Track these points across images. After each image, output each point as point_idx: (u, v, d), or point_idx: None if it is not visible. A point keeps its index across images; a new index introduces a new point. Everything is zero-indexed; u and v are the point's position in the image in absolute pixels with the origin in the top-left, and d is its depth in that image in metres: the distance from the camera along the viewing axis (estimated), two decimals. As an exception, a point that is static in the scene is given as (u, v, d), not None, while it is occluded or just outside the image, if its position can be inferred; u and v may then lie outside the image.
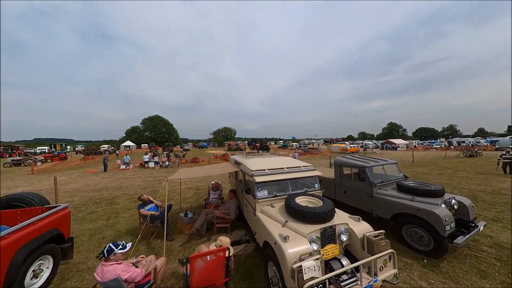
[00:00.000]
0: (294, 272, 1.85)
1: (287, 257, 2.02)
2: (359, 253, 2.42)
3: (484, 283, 2.68)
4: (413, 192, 3.76)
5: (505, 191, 6.79)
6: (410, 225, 3.50)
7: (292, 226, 2.51)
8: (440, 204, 3.34)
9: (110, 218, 5.46)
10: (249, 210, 3.74)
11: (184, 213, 4.86)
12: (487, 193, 6.72)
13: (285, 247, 2.10)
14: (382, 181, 4.34)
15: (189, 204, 6.09)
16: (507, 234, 3.93)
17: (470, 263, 3.08)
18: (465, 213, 3.55)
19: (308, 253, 2.06)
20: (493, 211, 5.12)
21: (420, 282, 2.73)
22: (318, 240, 2.34)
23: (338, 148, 31.46)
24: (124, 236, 4.41)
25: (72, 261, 3.43)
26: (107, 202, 7.06)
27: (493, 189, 7.17)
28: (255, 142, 49.69)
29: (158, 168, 16.46)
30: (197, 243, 4.03)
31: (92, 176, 12.88)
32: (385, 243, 2.28)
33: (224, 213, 4.28)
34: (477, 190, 7.12)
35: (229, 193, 4.67)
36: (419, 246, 3.39)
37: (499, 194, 6.49)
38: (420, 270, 2.98)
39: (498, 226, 4.30)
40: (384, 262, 2.21)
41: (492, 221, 4.51)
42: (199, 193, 8.04)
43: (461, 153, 20.14)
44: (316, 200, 2.89)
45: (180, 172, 4.93)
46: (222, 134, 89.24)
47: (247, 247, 3.68)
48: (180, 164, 18.66)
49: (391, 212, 3.78)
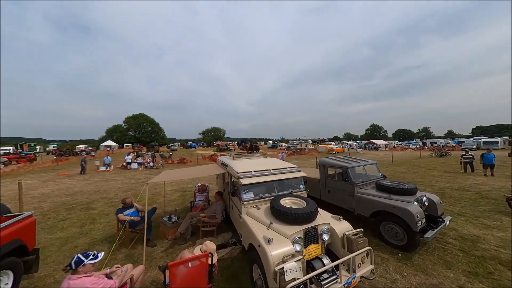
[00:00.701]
0: (276, 274, 1.86)
1: (270, 260, 2.03)
2: (339, 251, 2.51)
3: (449, 273, 2.94)
4: (390, 191, 4.02)
5: (469, 188, 7.57)
6: (387, 222, 3.73)
7: (277, 227, 2.52)
8: (413, 202, 3.60)
9: (85, 225, 5.05)
10: (235, 212, 3.70)
11: (168, 216, 4.67)
12: (454, 189, 7.43)
13: (268, 250, 2.11)
14: (362, 181, 4.57)
15: (174, 208, 5.86)
16: (469, 227, 4.38)
17: (438, 255, 3.37)
18: (434, 209, 3.87)
19: (291, 254, 2.09)
20: (458, 206, 5.66)
21: (395, 275, 2.92)
22: (301, 240, 2.39)
23: (325, 149, 32.60)
24: (100, 244, 4.10)
25: (37, 274, 3.10)
26: (82, 207, 6.53)
27: (459, 186, 7.94)
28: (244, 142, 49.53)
29: (142, 169, 15.65)
30: (181, 248, 3.89)
31: (66, 179, 11.83)
32: (363, 241, 2.40)
33: (210, 216, 4.18)
34: (445, 187, 7.84)
35: (215, 195, 4.58)
36: (395, 241, 3.63)
37: (463, 191, 7.21)
38: (395, 264, 3.19)
39: (462, 219, 4.76)
40: (362, 259, 2.33)
41: (457, 215, 4.99)
42: (186, 196, 7.79)
43: (433, 153, 22.06)
44: (300, 201, 2.95)
45: (163, 174, 4.73)
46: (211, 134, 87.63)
47: (233, 250, 3.63)
48: (165, 165, 17.92)
49: (371, 210, 3.99)
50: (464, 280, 2.79)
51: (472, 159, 10.72)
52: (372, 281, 2.65)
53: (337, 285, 2.10)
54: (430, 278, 2.84)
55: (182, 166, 17.57)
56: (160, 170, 15.30)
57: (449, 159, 17.77)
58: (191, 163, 18.73)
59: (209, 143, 72.39)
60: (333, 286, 2.09)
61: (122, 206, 4.29)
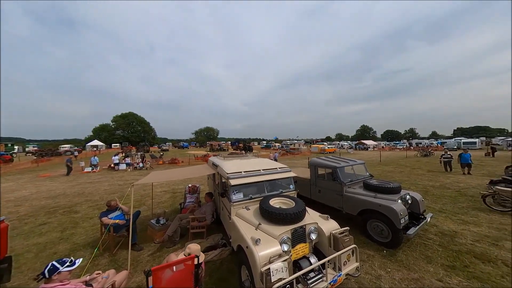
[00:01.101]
0: (262, 275, 1.86)
1: (257, 261, 2.02)
2: (326, 250, 2.56)
3: (429, 267, 3.09)
4: (376, 190, 4.15)
5: (449, 186, 8.01)
6: (373, 220, 3.85)
7: (265, 228, 2.52)
8: (397, 200, 3.75)
9: (66, 230, 4.78)
10: (225, 213, 3.66)
11: (156, 219, 4.54)
12: (436, 188, 7.83)
13: (256, 251, 2.10)
14: (351, 180, 4.69)
15: (162, 210, 5.71)
16: (449, 223, 4.63)
17: (420, 251, 3.53)
18: (417, 206, 4.06)
19: (278, 254, 2.10)
20: (439, 203, 5.97)
21: (380, 271, 3.02)
22: (289, 240, 2.40)
23: (317, 149, 33.20)
24: (82, 249, 3.90)
25: (9, 284, 2.89)
26: (64, 210, 6.18)
27: (440, 184, 8.39)
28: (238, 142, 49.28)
29: (131, 170, 15.11)
30: (169, 251, 3.79)
31: (47, 181, 11.17)
32: (349, 239, 2.46)
33: (199, 218, 4.11)
34: (428, 185, 8.24)
35: (205, 196, 4.51)
36: (380, 238, 3.76)
37: (444, 189, 7.62)
38: (380, 260, 3.30)
39: (442, 216, 5.03)
40: (348, 257, 2.38)
41: (439, 212, 5.25)
42: (176, 197, 7.61)
43: (418, 153, 23.15)
44: (290, 201, 2.97)
45: (152, 175, 4.59)
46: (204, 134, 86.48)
47: (223, 251, 3.59)
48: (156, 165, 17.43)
49: (358, 209, 4.11)
50: (443, 274, 2.94)
51: (451, 159, 11.36)
52: (358, 278, 2.72)
53: (323, 283, 2.14)
54: (412, 273, 2.96)
55: (173, 166, 17.15)
56: (150, 171, 14.86)
57: (432, 158, 18.71)
58: (183, 164, 18.35)
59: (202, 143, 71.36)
60: (319, 285, 2.12)
61: (106, 209, 4.11)
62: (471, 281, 2.79)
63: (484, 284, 2.71)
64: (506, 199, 5.25)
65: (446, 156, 11.48)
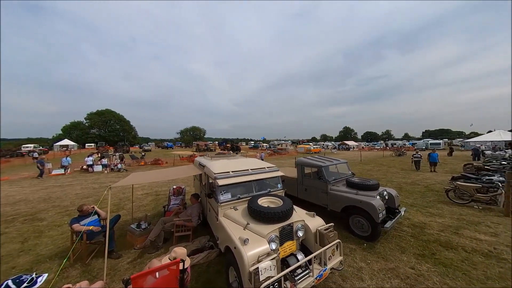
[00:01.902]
0: (251, 275, 1.85)
1: (245, 260, 2.00)
2: (312, 246, 2.64)
3: (403, 257, 3.37)
4: (357, 187, 4.41)
5: (419, 183, 8.85)
6: (355, 215, 4.08)
7: (253, 228, 2.52)
8: (376, 196, 4.02)
9: (28, 240, 4.24)
10: (212, 214, 3.57)
11: (137, 223, 4.26)
12: (408, 184, 8.60)
13: (244, 251, 2.08)
14: (335, 179, 4.91)
15: (144, 213, 5.38)
16: (419, 215, 5.11)
17: (395, 242, 3.84)
18: (392, 201, 4.41)
19: (266, 253, 2.10)
20: (411, 198, 6.56)
21: (361, 264, 3.21)
22: (277, 239, 2.43)
23: (304, 149, 34.23)
24: (48, 261, 3.48)
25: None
26: (25, 218, 5.47)
27: (412, 181, 9.23)
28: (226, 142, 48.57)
29: (108, 172, 13.97)
30: (151, 257, 3.57)
31: (5, 185, 9.77)
32: (333, 234, 2.56)
33: (185, 220, 3.95)
34: (402, 182, 9.02)
35: (191, 197, 4.35)
36: (361, 232, 3.99)
37: (415, 185, 8.40)
38: (361, 253, 3.50)
39: (414, 209, 5.53)
40: (332, 251, 2.49)
41: (411, 206, 5.77)
42: (159, 200, 7.22)
43: (393, 153, 25.22)
44: (277, 200, 3.00)
45: (131, 177, 4.28)
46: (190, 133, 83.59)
47: (209, 253, 3.49)
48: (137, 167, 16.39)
49: (342, 205, 4.32)
50: (414, 262, 3.23)
51: (420, 158, 12.59)
52: (341, 271, 2.86)
53: (309, 279, 2.20)
54: (388, 263, 3.20)
55: (156, 167, 16.28)
56: (130, 172, 13.90)
57: (405, 158, 20.52)
58: (167, 165, 17.51)
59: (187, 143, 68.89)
60: (305, 281, 2.17)
61: (78, 214, 3.73)
62: (437, 266, 3.11)
63: (448, 269, 3.03)
64: (464, 193, 5.97)
65: (416, 156, 12.68)
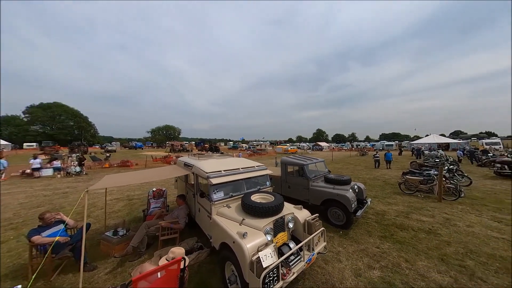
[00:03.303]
0: (253, 264, 1.99)
1: (246, 252, 2.13)
2: (301, 235, 2.93)
3: (370, 239, 4.00)
4: (334, 183, 5.00)
5: (379, 178, 10.40)
6: (332, 207, 4.62)
7: (249, 222, 2.66)
8: (349, 190, 4.65)
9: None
10: (202, 214, 3.54)
11: (113, 231, 3.87)
12: (371, 179, 10.02)
13: (244, 244, 2.21)
14: (315, 176, 5.43)
15: (120, 219, 4.88)
16: (380, 205, 6.07)
17: (364, 228, 4.51)
18: (361, 194, 5.14)
19: (264, 244, 2.28)
20: (373, 191, 7.70)
21: (339, 248, 3.69)
22: (272, 231, 2.63)
23: (282, 149, 35.74)
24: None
25: None
26: None
27: (373, 177, 10.78)
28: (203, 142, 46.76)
29: (62, 176, 11.92)
30: (133, 264, 3.33)
31: None
32: (319, 223, 2.92)
33: (171, 223, 3.79)
34: (366, 178, 10.45)
35: (177, 199, 4.19)
36: (337, 222, 4.55)
37: (376, 180, 9.85)
38: (338, 239, 4.02)
39: (376, 200, 6.53)
40: (318, 238, 2.83)
41: (374, 198, 6.78)
42: (133, 205, 6.61)
43: (358, 153, 28.67)
44: (269, 196, 3.21)
45: (106, 179, 3.89)
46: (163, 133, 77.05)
47: (199, 254, 3.46)
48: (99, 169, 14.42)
49: (321, 199, 4.82)
50: (379, 242, 3.89)
51: (379, 158, 14.77)
52: (324, 256, 3.25)
53: (301, 263, 2.47)
54: (360, 245, 3.77)
55: (125, 170, 14.64)
56: (92, 176, 12.15)
57: (367, 157, 23.59)
58: (137, 167, 15.94)
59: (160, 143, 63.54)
60: (298, 265, 2.44)
61: (38, 225, 3.19)
62: (395, 244, 3.81)
63: (402, 245, 3.76)
64: (411, 185, 7.35)
65: (376, 156, 14.83)
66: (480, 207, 5.74)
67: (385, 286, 2.73)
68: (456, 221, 4.81)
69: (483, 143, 25.88)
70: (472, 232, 4.24)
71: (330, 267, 3.13)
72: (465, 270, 3.03)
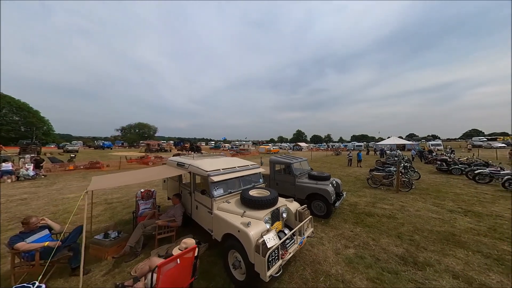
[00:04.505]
0: (259, 246, 2.35)
1: (251, 238, 2.48)
2: (293, 223, 3.41)
3: (346, 225, 4.76)
4: (316, 179, 5.68)
5: (351, 174, 11.81)
6: (315, 200, 5.28)
7: (250, 214, 3.01)
8: (329, 185, 5.37)
9: None
10: (202, 211, 3.73)
11: (103, 234, 3.76)
12: (344, 176, 11.33)
13: (249, 231, 2.55)
14: (300, 173, 6.06)
15: (112, 222, 4.67)
16: (353, 197, 7.06)
17: (341, 216, 5.29)
18: (339, 188, 5.96)
19: (266, 230, 2.66)
20: (347, 186, 8.82)
21: (321, 234, 4.31)
22: (270, 220, 3.03)
23: (264, 149, 36.62)
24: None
25: None
26: None
27: (347, 173, 12.18)
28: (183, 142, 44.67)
29: (13, 181, 10.25)
30: (131, 264, 3.34)
31: None
32: (307, 212, 3.44)
33: (169, 221, 3.86)
34: (341, 174, 11.75)
35: (173, 198, 4.26)
36: (320, 213, 5.22)
37: (349, 176, 11.20)
38: (321, 227, 4.66)
39: (349, 193, 7.54)
40: (307, 224, 3.35)
41: (348, 191, 7.81)
42: (114, 208, 6.27)
43: (333, 153, 31.38)
44: (264, 191, 3.61)
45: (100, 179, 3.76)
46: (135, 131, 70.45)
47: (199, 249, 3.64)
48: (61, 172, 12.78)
49: (306, 194, 5.44)
50: (352, 227, 4.65)
51: (351, 157, 16.65)
52: (312, 239, 3.80)
53: (294, 245, 2.93)
54: (338, 231, 4.47)
55: (96, 172, 13.34)
56: (53, 180, 10.73)
57: (341, 157, 26.08)
58: (108, 169, 14.59)
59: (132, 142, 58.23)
60: (292, 247, 2.89)
61: (20, 231, 2.95)
62: (365, 228, 4.63)
63: (370, 228, 4.59)
64: (376, 180, 8.66)
65: (349, 155, 16.68)
66: (425, 196, 7.20)
67: (358, 260, 3.40)
68: (408, 207, 5.99)
69: (429, 145, 31.15)
70: (419, 215, 5.39)
71: (315, 250, 3.70)
72: (413, 242, 3.95)
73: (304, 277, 2.97)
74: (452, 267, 3.16)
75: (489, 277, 2.93)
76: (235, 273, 2.81)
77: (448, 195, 7.26)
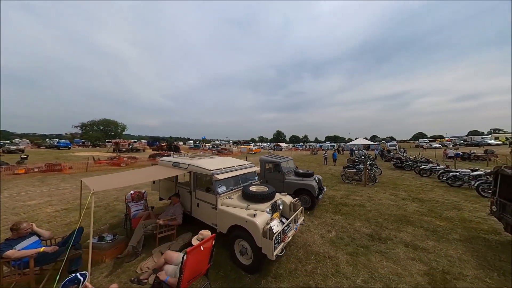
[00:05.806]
0: (266, 232, 2.79)
1: (259, 226, 2.91)
2: (288, 213, 3.96)
3: (327, 214, 5.58)
4: (302, 176, 6.41)
5: (328, 172, 13.22)
6: (302, 195, 5.98)
7: (253, 207, 3.42)
8: (313, 180, 6.15)
9: None
10: (204, 207, 3.96)
11: (98, 237, 3.66)
12: (322, 173, 12.62)
13: (256, 220, 2.97)
14: (288, 171, 6.71)
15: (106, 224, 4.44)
16: (331, 191, 8.09)
17: (322, 207, 6.13)
18: (320, 183, 6.82)
19: (269, 219, 3.12)
20: (325, 182, 9.93)
21: (308, 223, 5.00)
22: (270, 211, 3.50)
23: (246, 149, 37.02)
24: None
25: None
26: None
27: (324, 171, 13.57)
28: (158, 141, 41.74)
29: None
30: (133, 264, 3.38)
31: None
32: (300, 203, 4.03)
33: (169, 220, 3.97)
34: (319, 172, 13.03)
35: (173, 197, 4.35)
36: (305, 205, 5.94)
37: (326, 173, 12.53)
38: (307, 218, 5.36)
39: (328, 188, 8.59)
40: (300, 214, 3.93)
41: (327, 186, 8.86)
42: (95, 213, 5.87)
43: (310, 152, 33.79)
44: (263, 187, 4.06)
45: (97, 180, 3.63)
46: (99, 128, 61.98)
47: (201, 243, 3.88)
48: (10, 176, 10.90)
49: (293, 189, 6.10)
50: (332, 216, 5.50)
51: (326, 156, 18.48)
52: (301, 227, 4.42)
53: (291, 231, 3.47)
54: (321, 219, 5.24)
55: (54, 175, 11.76)
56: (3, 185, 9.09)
57: (318, 156, 28.37)
58: (71, 171, 13.00)
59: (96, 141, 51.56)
60: (290, 232, 3.43)
61: (6, 238, 2.74)
62: (342, 216, 5.52)
63: (346, 216, 5.50)
64: (349, 176, 10.02)
65: (325, 155, 18.47)
66: (386, 188, 8.73)
67: (339, 240, 4.15)
68: (374, 197, 7.25)
69: (388, 145, 36.42)
70: (381, 203, 6.62)
71: (305, 235, 4.34)
72: (378, 224, 4.95)
73: (298, 257, 3.54)
74: (404, 239, 4.18)
75: (427, 244, 4.00)
76: (241, 259, 3.19)
77: (402, 186, 8.95)
